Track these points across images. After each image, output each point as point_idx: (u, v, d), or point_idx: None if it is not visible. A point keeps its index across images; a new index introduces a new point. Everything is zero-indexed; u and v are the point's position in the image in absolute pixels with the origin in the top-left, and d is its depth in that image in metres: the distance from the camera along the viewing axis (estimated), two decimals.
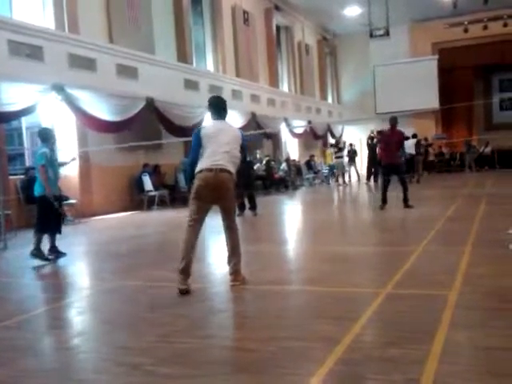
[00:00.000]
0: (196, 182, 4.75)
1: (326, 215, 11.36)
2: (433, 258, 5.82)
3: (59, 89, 11.40)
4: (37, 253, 6.83)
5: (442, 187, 16.99)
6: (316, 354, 3.12)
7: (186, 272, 4.69)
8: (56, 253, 7.03)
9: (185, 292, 4.64)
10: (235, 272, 4.91)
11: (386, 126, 11.76)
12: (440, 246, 6.52)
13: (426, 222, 8.70)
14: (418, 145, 19.97)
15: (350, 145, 22.95)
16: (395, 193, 10.85)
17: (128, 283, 5.43)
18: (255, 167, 18.71)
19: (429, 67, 27.69)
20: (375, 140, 19.00)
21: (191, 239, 4.77)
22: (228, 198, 4.85)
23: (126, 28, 14.33)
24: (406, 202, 10.34)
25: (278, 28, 24.68)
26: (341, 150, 21.38)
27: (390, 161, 10.47)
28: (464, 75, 28.69)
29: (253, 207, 11.32)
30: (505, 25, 26.02)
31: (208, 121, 5.51)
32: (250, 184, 11.47)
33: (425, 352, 3.00)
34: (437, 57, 28.01)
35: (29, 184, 11.32)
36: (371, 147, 19.86)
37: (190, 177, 4.88)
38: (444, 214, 9.26)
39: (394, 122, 10.50)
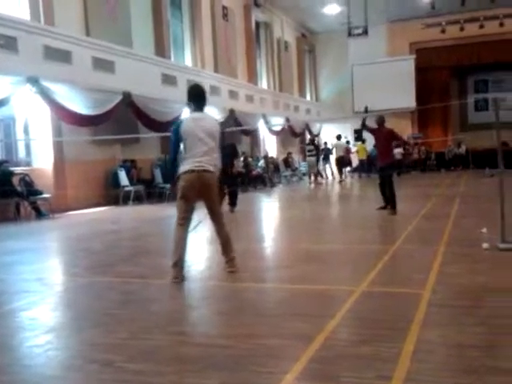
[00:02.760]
0: (181, 183, 4.90)
1: (302, 213, 11.39)
2: (407, 256, 5.87)
3: (34, 81, 11.20)
4: None
5: (416, 186, 17.18)
6: (290, 352, 3.11)
7: (178, 265, 4.86)
8: None
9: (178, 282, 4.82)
10: (231, 260, 5.16)
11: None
12: (414, 244, 6.57)
13: (401, 220, 8.78)
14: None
15: (325, 143, 23.06)
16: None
17: (100, 279, 5.36)
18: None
19: (406, 67, 27.99)
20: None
21: (181, 236, 4.93)
22: (212, 196, 5.00)
23: (103, 20, 14.13)
24: (391, 207, 9.52)
25: (257, 24, 24.65)
26: (316, 148, 21.46)
27: (384, 162, 9.79)
28: (440, 75, 29.08)
29: (233, 203, 11.28)
30: (481, 26, 26.44)
31: (187, 113, 5.53)
32: (232, 181, 11.41)
33: (398, 350, 3.01)
34: (414, 56, 28.34)
35: (2, 178, 11.11)
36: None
37: (172, 174, 5.01)
38: (418, 213, 9.35)
39: (380, 121, 9.89)
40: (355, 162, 24.17)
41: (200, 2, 19.26)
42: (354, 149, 24.33)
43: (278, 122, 24.28)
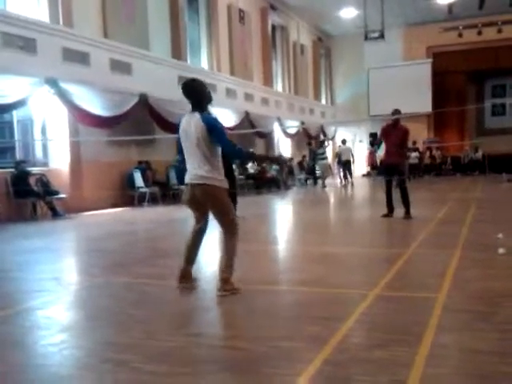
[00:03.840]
0: (182, 195, 4.79)
1: (316, 216, 11.37)
2: (422, 260, 5.84)
3: (52, 82, 11.33)
4: None
5: (432, 191, 17.05)
6: (304, 354, 3.11)
7: (183, 274, 4.67)
8: None
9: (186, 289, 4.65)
10: (222, 280, 4.50)
11: (378, 128, 11.52)
12: (430, 248, 6.53)
13: (417, 224, 8.72)
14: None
15: (339, 146, 23.00)
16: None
17: (116, 279, 5.40)
18: (248, 166, 18.73)
19: (423, 71, 27.83)
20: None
21: (188, 242, 4.71)
22: (213, 208, 4.55)
23: (120, 23, 14.27)
24: (406, 212, 9.29)
25: (273, 27, 24.69)
26: (324, 150, 21.49)
27: (388, 160, 9.45)
28: (457, 80, 28.85)
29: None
30: (499, 31, 26.19)
31: None
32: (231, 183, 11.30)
33: (412, 354, 3.00)
34: (431, 60, 28.16)
35: (19, 178, 11.26)
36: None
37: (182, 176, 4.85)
38: (434, 218, 9.28)
39: (396, 115, 9.43)
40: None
41: (216, 6, 19.35)
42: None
43: (292, 125, 24.28)
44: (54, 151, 12.92)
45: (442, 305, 3.96)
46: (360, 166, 28.13)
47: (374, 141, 19.67)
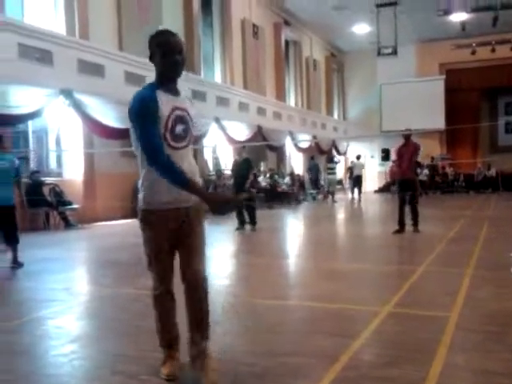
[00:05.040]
0: None
1: (326, 231, 11.33)
2: (434, 278, 5.79)
3: (67, 94, 11.45)
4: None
5: (444, 208, 16.94)
6: (312, 371, 3.09)
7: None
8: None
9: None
10: (198, 355, 2.97)
11: (390, 144, 11.60)
12: (441, 266, 6.48)
13: (428, 241, 8.66)
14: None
15: (352, 161, 22.96)
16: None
17: (126, 290, 5.41)
18: (260, 179, 18.71)
19: (435, 87, 27.82)
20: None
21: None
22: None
23: (135, 36, 14.42)
24: (413, 225, 9.63)
25: (286, 42, 24.84)
26: (334, 165, 21.49)
27: (403, 176, 9.72)
28: (470, 97, 28.78)
29: (253, 221, 10.90)
30: None
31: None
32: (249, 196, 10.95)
33: (423, 373, 2.97)
34: (444, 77, 28.14)
35: (33, 187, 11.35)
36: None
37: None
38: (446, 235, 9.21)
39: (407, 134, 9.76)
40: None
41: (231, 20, 19.53)
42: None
43: (304, 139, 24.32)
44: (68, 161, 13.04)
45: (454, 324, 3.92)
46: (372, 182, 28.06)
47: (387, 156, 19.63)
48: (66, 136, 12.85)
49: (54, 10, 12.60)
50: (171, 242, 2.97)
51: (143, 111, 2.80)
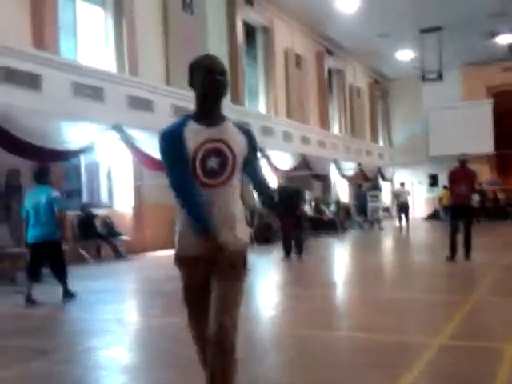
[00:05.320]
0: None
1: (375, 259, 11.15)
2: (487, 308, 5.61)
3: (118, 129, 11.82)
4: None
5: (495, 235, 16.42)
6: None
7: None
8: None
9: None
10: None
11: (437, 170, 11.37)
12: (494, 295, 6.26)
13: (479, 270, 8.41)
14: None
15: (396, 189, 22.65)
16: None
17: (173, 320, 5.47)
18: (305, 208, 18.64)
19: (483, 111, 27.26)
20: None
21: None
22: None
23: (182, 70, 14.76)
24: (466, 252, 9.22)
25: (329, 71, 24.96)
26: (377, 192, 21.28)
27: (460, 201, 9.37)
28: None
29: (299, 251, 10.85)
30: None
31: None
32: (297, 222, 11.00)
33: None
34: (492, 101, 27.58)
35: (85, 220, 11.69)
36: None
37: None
38: (498, 263, 8.92)
39: (464, 159, 9.60)
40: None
41: (274, 51, 19.85)
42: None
43: (349, 167, 24.18)
44: (118, 194, 13.39)
45: (510, 356, 3.78)
46: (420, 208, 27.50)
47: (434, 182, 19.20)
48: (117, 169, 13.24)
49: (105, 48, 13.14)
50: (203, 288, 2.73)
51: (165, 148, 2.66)
